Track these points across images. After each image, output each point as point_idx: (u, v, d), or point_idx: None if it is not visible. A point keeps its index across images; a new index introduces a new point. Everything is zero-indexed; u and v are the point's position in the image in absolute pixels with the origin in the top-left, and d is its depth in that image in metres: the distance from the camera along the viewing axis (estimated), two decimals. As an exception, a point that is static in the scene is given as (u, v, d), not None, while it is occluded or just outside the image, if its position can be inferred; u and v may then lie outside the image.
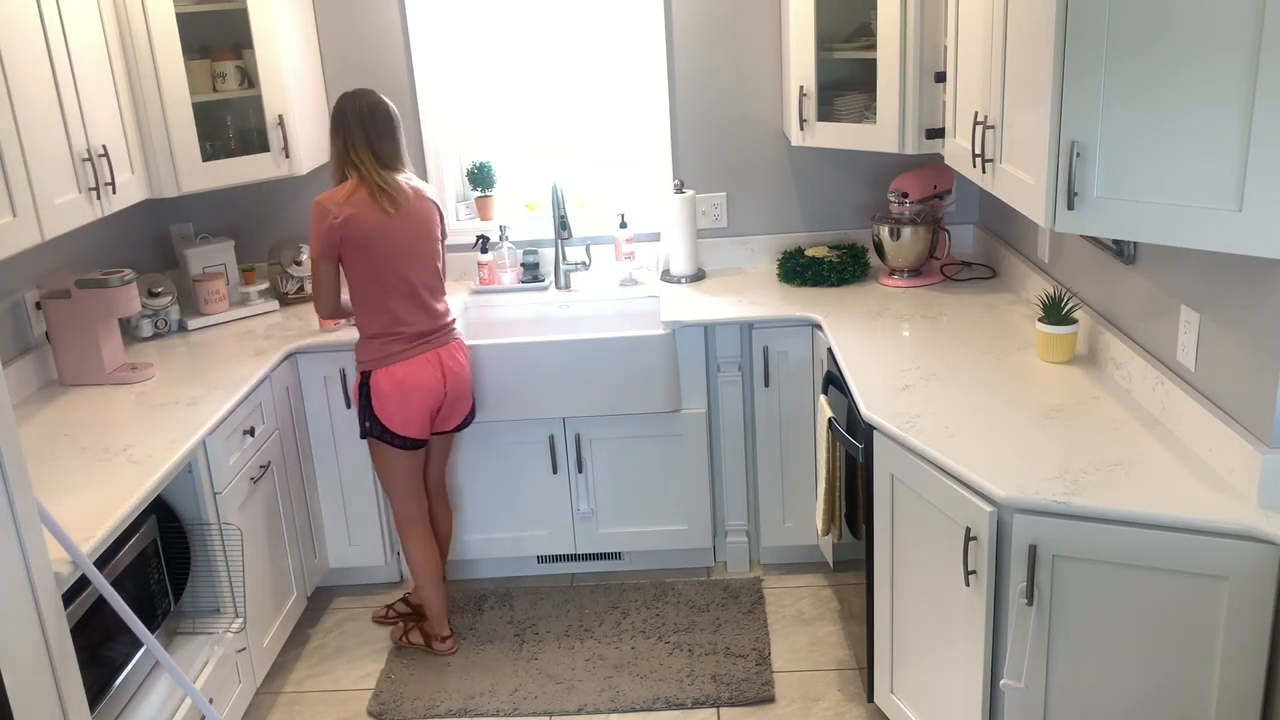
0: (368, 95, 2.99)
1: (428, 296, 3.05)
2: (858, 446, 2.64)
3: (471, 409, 3.25)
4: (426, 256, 3.03)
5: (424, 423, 3.07)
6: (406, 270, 2.99)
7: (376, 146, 2.96)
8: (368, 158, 2.95)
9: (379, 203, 2.93)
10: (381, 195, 2.94)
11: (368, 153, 2.95)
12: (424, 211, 3.03)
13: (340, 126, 2.97)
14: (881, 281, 3.58)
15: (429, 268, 3.05)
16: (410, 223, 2.98)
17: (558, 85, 3.84)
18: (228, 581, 2.82)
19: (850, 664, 3.13)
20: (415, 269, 3.00)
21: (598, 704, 3.02)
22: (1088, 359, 2.76)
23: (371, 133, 2.95)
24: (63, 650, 1.99)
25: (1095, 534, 2.03)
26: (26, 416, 2.89)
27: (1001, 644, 2.21)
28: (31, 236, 2.55)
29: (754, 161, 3.83)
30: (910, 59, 3.07)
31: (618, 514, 3.56)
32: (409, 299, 3.00)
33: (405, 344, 3.01)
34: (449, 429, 3.21)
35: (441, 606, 3.27)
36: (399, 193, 2.97)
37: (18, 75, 2.54)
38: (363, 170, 2.95)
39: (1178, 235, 1.89)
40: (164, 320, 3.52)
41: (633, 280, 3.76)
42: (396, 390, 3.00)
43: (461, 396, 3.16)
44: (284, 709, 3.12)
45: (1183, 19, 1.81)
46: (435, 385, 3.05)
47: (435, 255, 3.07)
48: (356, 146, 2.95)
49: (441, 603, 3.27)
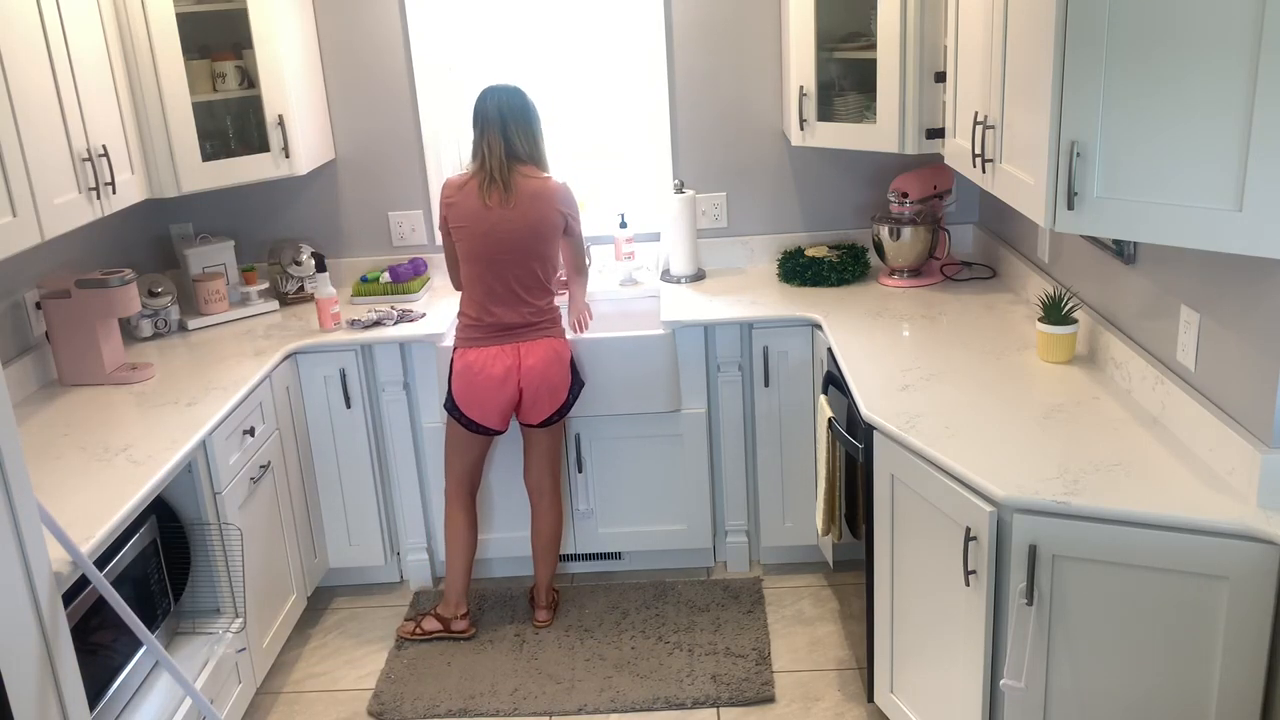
0: (506, 90, 3.06)
1: (521, 292, 3.07)
2: (858, 446, 2.64)
3: (563, 405, 3.18)
4: (525, 254, 3.05)
5: (490, 411, 3.11)
6: (499, 263, 3.04)
7: (510, 133, 3.02)
8: (498, 144, 3.02)
9: (485, 194, 3.01)
10: (491, 186, 3.01)
11: (499, 139, 3.02)
12: (536, 211, 3.03)
13: (478, 118, 3.05)
14: (881, 281, 3.58)
15: (525, 266, 3.06)
16: (514, 219, 3.01)
17: (558, 85, 3.84)
18: (228, 581, 2.82)
19: (850, 664, 3.13)
20: (509, 264, 3.04)
21: (598, 704, 3.02)
22: (1088, 359, 2.76)
23: (508, 118, 3.02)
24: (63, 650, 1.99)
25: (1095, 534, 2.03)
26: (26, 416, 2.90)
27: (1001, 644, 2.21)
28: (31, 236, 2.55)
29: (754, 161, 3.83)
30: (910, 59, 3.07)
31: (617, 514, 3.56)
32: (498, 291, 3.06)
33: (484, 332, 3.08)
34: (533, 424, 3.19)
35: (464, 586, 3.33)
36: (512, 189, 3.01)
37: (18, 75, 2.54)
38: (487, 156, 3.02)
39: (1178, 235, 1.89)
40: (164, 320, 3.52)
41: (633, 280, 3.76)
42: (465, 372, 3.08)
43: (541, 393, 3.11)
44: (284, 709, 3.12)
45: (1183, 18, 1.81)
46: (504, 377, 3.07)
47: (536, 256, 3.06)
48: (490, 131, 3.02)
49: (465, 583, 3.33)
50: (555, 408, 3.17)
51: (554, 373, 3.12)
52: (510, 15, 3.77)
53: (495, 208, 3.01)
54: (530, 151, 3.07)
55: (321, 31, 3.73)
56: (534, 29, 3.78)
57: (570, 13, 3.76)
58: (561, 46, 3.80)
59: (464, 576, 3.33)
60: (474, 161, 3.08)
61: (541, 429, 3.22)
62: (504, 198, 3.01)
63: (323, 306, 3.41)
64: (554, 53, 3.81)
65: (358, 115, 3.80)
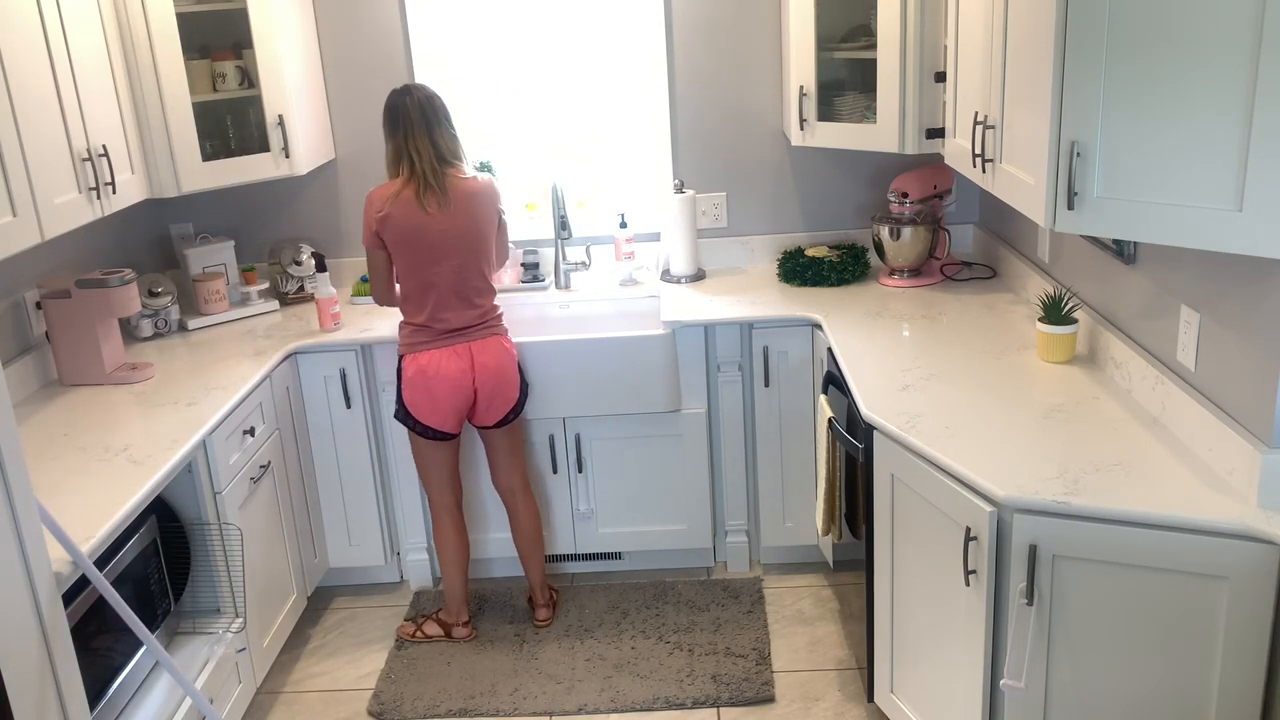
0: (424, 88, 3.00)
1: (471, 295, 3.05)
2: (858, 446, 2.64)
3: (516, 405, 3.19)
4: (469, 256, 3.02)
5: (446, 413, 3.08)
6: (446, 269, 2.99)
7: (436, 136, 2.96)
8: (426, 148, 2.95)
9: (422, 201, 2.93)
10: (427, 192, 2.94)
11: (427, 142, 2.95)
12: (474, 212, 3.00)
13: (399, 119, 2.96)
14: (881, 281, 3.58)
15: (471, 267, 3.03)
16: (455, 222, 2.97)
17: (558, 85, 3.84)
18: (228, 581, 2.82)
19: (850, 664, 3.13)
20: (455, 268, 3.00)
21: (598, 704, 3.02)
22: (1088, 359, 2.76)
23: (432, 121, 2.96)
24: (63, 650, 1.99)
25: (1095, 534, 2.03)
26: (26, 416, 2.90)
27: (1001, 644, 2.21)
28: (31, 236, 2.55)
29: (754, 161, 3.83)
30: (910, 59, 3.07)
31: (618, 514, 3.56)
32: (448, 295, 3.02)
33: (434, 335, 3.04)
34: (490, 424, 3.19)
35: (464, 595, 3.32)
36: (447, 191, 2.96)
37: (18, 75, 2.54)
38: (417, 163, 2.94)
39: (1178, 235, 1.89)
40: (164, 320, 3.52)
41: (633, 280, 3.76)
42: (419, 378, 3.03)
43: (497, 391, 3.12)
44: (284, 709, 3.12)
45: (1183, 18, 1.81)
46: (460, 377, 3.04)
47: (480, 255, 3.04)
48: (416, 136, 2.94)
49: (464, 592, 3.32)
50: (509, 407, 3.17)
51: (508, 370, 3.13)
52: (510, 15, 3.77)
53: (436, 214, 2.94)
54: (455, 151, 3.02)
55: (321, 31, 3.73)
56: (534, 29, 3.78)
57: (570, 13, 3.76)
58: (561, 46, 3.80)
59: (462, 585, 3.32)
60: (401, 167, 2.97)
61: (499, 430, 3.22)
62: (443, 202, 2.95)
63: (323, 306, 3.41)
64: (554, 53, 3.80)
65: (358, 115, 3.80)
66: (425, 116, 2.95)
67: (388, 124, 3.00)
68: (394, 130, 2.98)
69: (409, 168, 2.95)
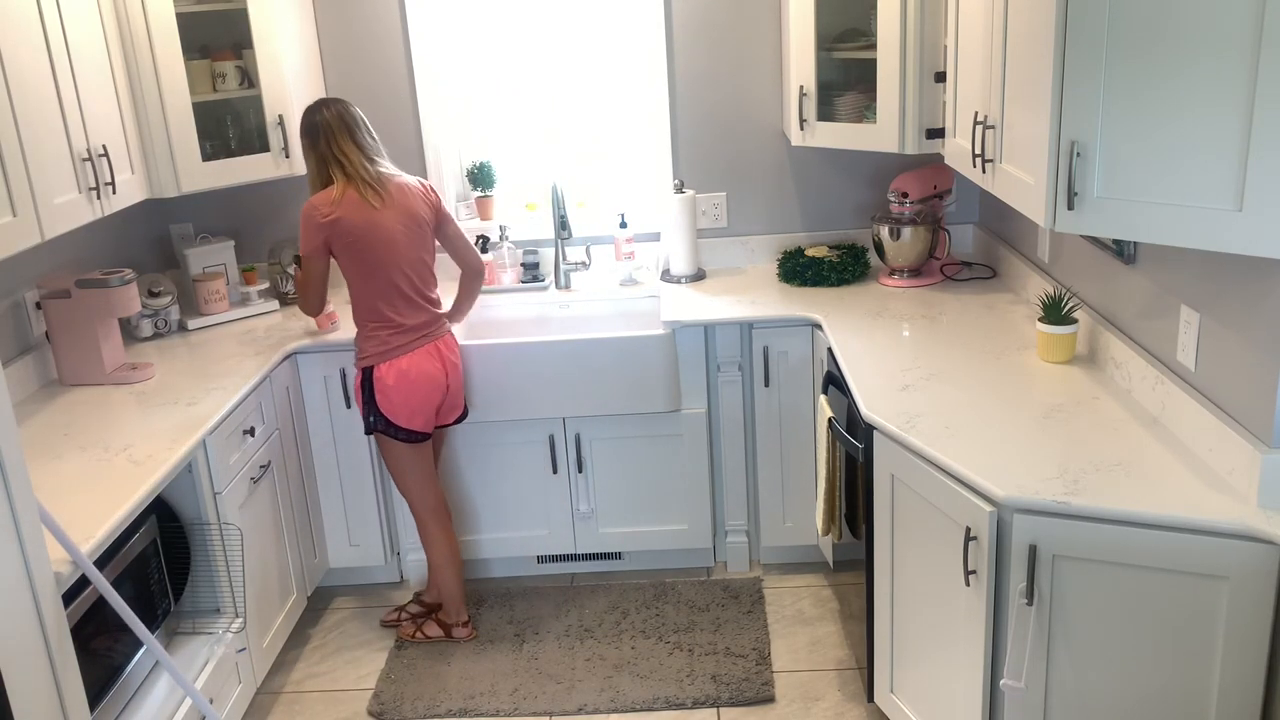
0: (339, 101, 3.04)
1: (422, 288, 3.08)
2: (858, 446, 2.64)
3: (465, 403, 3.27)
4: (416, 250, 3.05)
5: (428, 414, 3.10)
6: (399, 265, 3.01)
7: (359, 137, 3.00)
8: (354, 151, 2.98)
9: (366, 198, 2.96)
10: (368, 189, 2.97)
11: (352, 146, 2.99)
12: (408, 206, 3.04)
13: (319, 131, 2.98)
14: (881, 281, 3.58)
15: (419, 260, 3.06)
16: (400, 216, 3.01)
17: (558, 85, 3.84)
18: (228, 581, 2.82)
19: (850, 664, 3.13)
20: (407, 263, 3.03)
21: (598, 704, 3.02)
22: (1088, 359, 2.76)
23: (353, 127, 3.00)
24: (63, 650, 1.99)
25: (1095, 534, 2.03)
26: (26, 416, 2.89)
27: (1001, 644, 2.21)
28: (31, 236, 2.55)
29: (754, 161, 3.83)
30: (910, 59, 3.07)
31: (618, 514, 3.56)
32: (404, 293, 3.03)
33: (407, 336, 3.04)
34: (448, 423, 3.23)
35: (462, 595, 3.33)
36: (384, 186, 3.00)
37: (18, 75, 2.54)
38: (348, 166, 2.97)
39: (1178, 235, 1.89)
40: (164, 320, 3.52)
41: (633, 280, 3.76)
42: (402, 382, 3.02)
43: (459, 389, 3.20)
44: (284, 709, 3.12)
45: (1183, 18, 1.81)
46: (439, 376, 3.08)
47: (425, 248, 3.08)
48: (339, 143, 2.98)
49: (462, 591, 3.33)
50: (462, 405, 3.24)
51: (463, 368, 3.21)
52: (510, 15, 3.77)
53: (381, 209, 2.98)
54: (380, 151, 3.06)
55: (321, 31, 3.73)
56: (534, 29, 3.78)
57: (570, 13, 3.76)
58: (562, 46, 3.80)
59: (459, 586, 3.32)
60: (332, 174, 2.97)
61: (441, 431, 3.30)
62: (385, 198, 2.99)
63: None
64: (554, 53, 3.81)
65: (358, 115, 3.79)
66: (345, 124, 2.99)
67: (306, 137, 3.02)
68: (314, 142, 3.00)
69: (341, 172, 2.98)
